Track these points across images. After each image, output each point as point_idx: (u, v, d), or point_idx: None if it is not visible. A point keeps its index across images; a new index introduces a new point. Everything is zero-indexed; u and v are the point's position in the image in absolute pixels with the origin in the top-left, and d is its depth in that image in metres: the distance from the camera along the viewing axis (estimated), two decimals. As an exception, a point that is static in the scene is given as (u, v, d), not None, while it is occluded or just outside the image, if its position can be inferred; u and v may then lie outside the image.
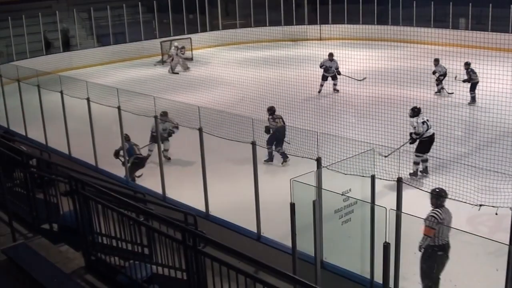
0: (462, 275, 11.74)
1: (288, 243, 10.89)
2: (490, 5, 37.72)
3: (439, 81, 26.47)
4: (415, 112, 17.60)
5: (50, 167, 12.44)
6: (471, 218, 13.36)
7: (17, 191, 11.61)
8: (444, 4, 40.09)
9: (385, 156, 13.27)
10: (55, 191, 10.82)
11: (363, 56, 28.02)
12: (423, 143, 17.26)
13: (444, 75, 26.28)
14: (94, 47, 39.93)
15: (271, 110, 19.42)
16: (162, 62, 37.87)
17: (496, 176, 11.99)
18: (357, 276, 10.84)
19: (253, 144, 12.71)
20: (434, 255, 10.70)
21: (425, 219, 10.60)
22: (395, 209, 9.90)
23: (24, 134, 21.26)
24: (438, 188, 11.22)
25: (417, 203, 12.27)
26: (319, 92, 28.09)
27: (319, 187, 10.77)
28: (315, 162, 11.52)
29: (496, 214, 10.39)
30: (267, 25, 45.19)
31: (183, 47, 37.06)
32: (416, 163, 17.14)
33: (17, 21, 36.25)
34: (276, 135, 18.73)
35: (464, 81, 24.67)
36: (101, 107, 17.43)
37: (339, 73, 28.07)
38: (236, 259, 6.82)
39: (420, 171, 17.14)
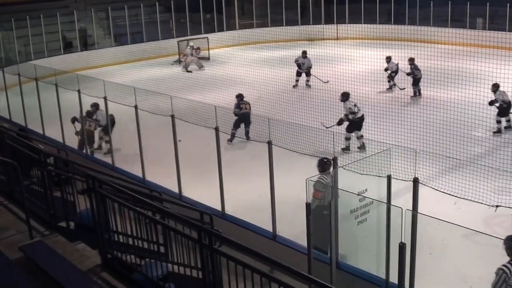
0: (477, 276, 11.71)
1: (304, 243, 10.89)
2: (508, 4, 37.53)
3: (390, 78, 28.34)
4: (345, 96, 20.21)
5: (67, 165, 12.52)
6: (487, 219, 13.31)
7: (34, 189, 11.67)
8: (461, 4, 39.95)
9: (326, 128, 14.30)
10: (72, 189, 10.87)
11: (379, 56, 27.92)
12: (356, 123, 19.64)
13: (396, 72, 28.22)
14: (111, 47, 40.15)
15: (240, 97, 22.15)
16: (179, 61, 37.96)
17: (513, 177, 11.96)
18: (372, 277, 10.81)
19: (269, 143, 12.72)
20: (322, 214, 11.37)
21: (314, 184, 11.74)
22: (411, 209, 9.88)
23: (41, 132, 21.37)
24: (325, 158, 12.71)
25: (433, 203, 12.28)
26: (293, 87, 30.03)
27: (335, 187, 10.77)
28: (331, 162, 11.51)
29: (513, 215, 10.35)
30: (284, 24, 45.20)
31: (198, 48, 37.32)
32: (347, 139, 19.43)
33: (35, 20, 36.49)
34: (241, 118, 21.27)
35: (408, 74, 27.00)
36: (118, 106, 17.50)
37: (308, 74, 29.98)
38: (252, 258, 6.84)
39: (358, 147, 19.47)
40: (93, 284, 8.30)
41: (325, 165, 12.70)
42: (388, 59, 28.50)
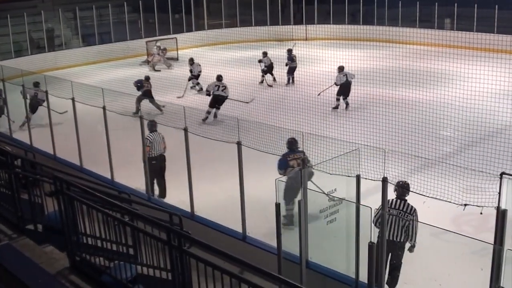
0: (447, 274, 11.80)
1: (273, 243, 10.90)
2: (476, 5, 37.89)
3: (264, 73, 30.91)
4: (340, 69, 25.81)
5: (34, 167, 12.40)
6: (455, 218, 13.43)
7: (1, 191, 11.55)
8: (429, 5, 40.29)
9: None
10: (39, 191, 10.77)
11: (349, 56, 28.01)
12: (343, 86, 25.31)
13: (269, 67, 30.87)
14: (79, 47, 39.95)
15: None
16: (148, 62, 37.89)
17: (481, 176, 12.02)
18: (342, 276, 10.85)
19: (239, 144, 12.71)
20: (151, 164, 15.54)
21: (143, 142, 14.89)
22: (380, 208, 9.93)
23: (8, 134, 21.18)
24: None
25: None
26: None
27: (304, 187, 10.79)
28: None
29: (481, 213, 10.42)
30: (253, 25, 45.24)
31: (165, 48, 37.45)
32: (337, 100, 25.09)
33: (2, 20, 36.15)
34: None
35: (286, 64, 30.71)
36: (86, 107, 17.39)
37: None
38: (221, 259, 6.82)
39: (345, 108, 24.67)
40: (62, 287, 8.23)
41: (152, 126, 15.94)
42: (264, 54, 31.32)
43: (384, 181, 10.14)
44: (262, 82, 31.12)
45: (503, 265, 8.60)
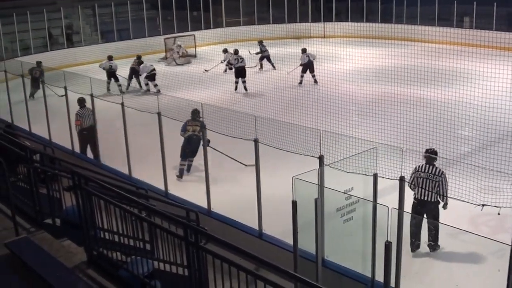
0: (464, 275, 11.76)
1: (290, 241, 10.90)
2: (495, 3, 37.67)
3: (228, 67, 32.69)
4: (303, 50, 29.58)
5: (53, 162, 12.47)
6: (473, 218, 13.36)
7: (20, 185, 11.63)
8: (448, 3, 40.07)
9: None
10: (58, 186, 10.83)
11: (367, 54, 28.00)
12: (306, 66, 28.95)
13: (231, 62, 31.80)
14: (98, 43, 40.00)
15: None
16: (166, 58, 38.01)
17: (499, 176, 11.99)
18: (358, 275, 10.83)
19: (256, 141, 12.72)
20: (83, 134, 18.57)
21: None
22: (397, 208, 9.90)
23: (28, 129, 21.30)
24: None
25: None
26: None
27: (321, 185, 10.78)
28: (318, 160, 11.52)
29: (499, 214, 10.38)
30: (271, 22, 45.20)
31: (180, 46, 37.81)
32: (301, 77, 28.89)
33: (22, 17, 36.34)
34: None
35: (256, 53, 33.95)
36: (104, 102, 17.46)
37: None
38: (238, 256, 6.84)
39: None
40: (79, 281, 8.28)
41: (81, 102, 18.77)
42: (225, 50, 33.76)
43: (402, 180, 10.12)
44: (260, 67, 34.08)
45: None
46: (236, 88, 28.55)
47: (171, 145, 16.42)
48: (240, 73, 28.62)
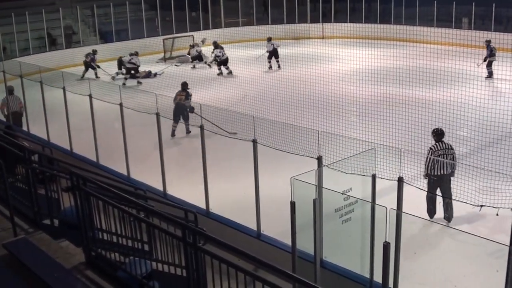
0: (462, 276, 11.76)
1: (288, 241, 10.90)
2: (493, 4, 37.70)
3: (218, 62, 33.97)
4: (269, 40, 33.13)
5: (51, 162, 12.48)
6: (471, 218, 13.37)
7: (19, 186, 11.63)
8: (447, 4, 40.10)
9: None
10: (56, 186, 10.84)
11: (365, 54, 27.99)
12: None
13: (196, 58, 35.59)
14: (96, 44, 39.97)
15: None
16: (165, 59, 38.06)
17: (498, 177, 11.99)
18: (356, 276, 10.83)
19: (254, 142, 12.72)
20: (9, 117, 21.45)
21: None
22: (396, 208, 9.90)
23: (26, 130, 21.31)
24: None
25: (418, 203, 12.32)
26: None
27: (319, 186, 10.78)
28: (316, 161, 11.52)
29: (497, 215, 10.39)
30: (270, 23, 45.21)
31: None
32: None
33: (21, 17, 36.35)
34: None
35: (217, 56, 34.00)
36: (103, 103, 17.46)
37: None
38: (236, 257, 6.84)
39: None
40: (77, 282, 8.28)
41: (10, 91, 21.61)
42: (191, 46, 36.20)
43: (400, 180, 10.13)
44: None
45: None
46: (221, 73, 32.57)
47: (169, 145, 16.43)
48: (225, 62, 31.70)
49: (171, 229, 8.07)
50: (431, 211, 13.65)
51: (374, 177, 10.72)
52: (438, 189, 13.80)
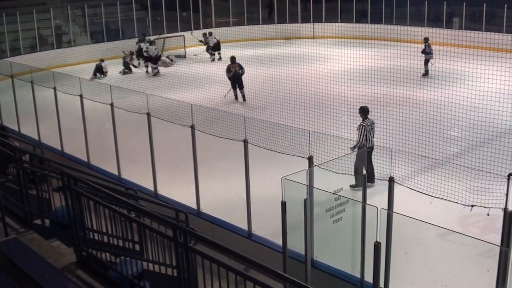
0: (453, 276, 11.78)
1: (279, 241, 10.91)
2: (484, 4, 37.80)
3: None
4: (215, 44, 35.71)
5: (42, 162, 12.45)
6: (462, 218, 13.40)
7: (9, 186, 11.61)
8: (438, 3, 40.18)
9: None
10: (47, 186, 10.82)
11: (356, 54, 27.98)
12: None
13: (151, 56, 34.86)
14: (87, 44, 39.94)
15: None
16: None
17: (488, 177, 12.01)
18: (347, 275, 10.85)
19: (245, 142, 12.73)
20: None
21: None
22: (387, 208, 9.92)
23: (17, 130, 21.25)
24: None
25: (409, 203, 12.33)
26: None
27: (310, 186, 10.79)
28: (307, 161, 11.53)
29: (488, 215, 10.41)
30: (260, 23, 45.21)
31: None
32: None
33: (11, 17, 36.26)
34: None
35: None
36: (94, 103, 17.43)
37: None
38: (227, 257, 6.84)
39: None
40: (68, 282, 8.27)
41: None
42: (150, 43, 36.05)
43: (391, 180, 10.14)
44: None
45: (509, 267, 8.59)
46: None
47: (160, 145, 16.41)
48: (237, 81, 29.26)
49: (162, 229, 8.06)
50: (360, 180, 13.72)
51: (365, 177, 10.74)
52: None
